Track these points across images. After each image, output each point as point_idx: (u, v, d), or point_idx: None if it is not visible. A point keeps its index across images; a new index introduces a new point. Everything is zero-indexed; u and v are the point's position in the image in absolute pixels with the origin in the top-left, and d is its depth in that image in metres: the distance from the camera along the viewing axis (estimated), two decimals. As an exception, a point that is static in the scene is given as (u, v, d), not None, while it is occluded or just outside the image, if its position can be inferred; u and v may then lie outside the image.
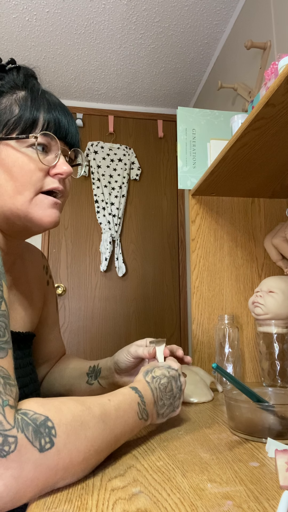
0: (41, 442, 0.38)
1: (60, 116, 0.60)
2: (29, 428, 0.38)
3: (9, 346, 0.43)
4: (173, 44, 2.06)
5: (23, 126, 0.57)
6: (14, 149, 0.57)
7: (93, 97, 2.53)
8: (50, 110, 0.59)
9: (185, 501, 0.39)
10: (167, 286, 2.46)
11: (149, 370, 0.60)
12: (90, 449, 0.42)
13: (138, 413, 0.52)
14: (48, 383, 0.80)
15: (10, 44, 2.05)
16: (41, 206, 0.58)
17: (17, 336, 0.64)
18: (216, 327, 1.04)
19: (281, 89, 0.63)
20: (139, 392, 0.54)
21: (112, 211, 2.40)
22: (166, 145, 2.64)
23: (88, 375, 0.77)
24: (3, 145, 0.57)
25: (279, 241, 1.09)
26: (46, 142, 0.58)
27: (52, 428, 0.40)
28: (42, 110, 0.58)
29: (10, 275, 0.66)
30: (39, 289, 0.76)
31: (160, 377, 0.59)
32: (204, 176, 1.03)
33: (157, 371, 0.60)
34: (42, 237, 2.39)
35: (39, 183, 0.58)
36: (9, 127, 0.57)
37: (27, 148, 0.57)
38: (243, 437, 0.58)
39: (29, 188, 0.57)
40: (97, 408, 0.46)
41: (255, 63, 1.63)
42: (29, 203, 0.57)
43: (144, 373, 0.60)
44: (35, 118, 0.57)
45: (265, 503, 0.38)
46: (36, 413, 0.40)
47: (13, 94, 0.59)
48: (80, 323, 2.33)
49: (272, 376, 0.93)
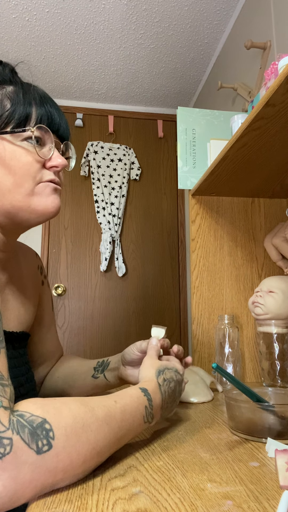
0: (38, 444, 0.38)
1: (52, 110, 0.61)
2: (25, 430, 0.38)
3: (1, 346, 0.43)
4: (173, 44, 2.06)
5: (16, 121, 0.57)
6: (10, 142, 0.57)
7: (93, 97, 2.53)
8: (42, 104, 0.60)
9: (185, 501, 0.39)
10: (167, 286, 2.46)
11: (161, 371, 0.59)
12: (91, 452, 0.42)
13: (144, 416, 0.51)
14: (51, 382, 0.80)
15: (10, 44, 2.05)
16: (43, 194, 0.59)
17: (10, 335, 0.64)
18: (216, 327, 1.04)
19: (281, 89, 0.63)
20: (148, 394, 0.53)
21: (112, 211, 2.40)
22: (166, 145, 2.64)
23: (95, 369, 0.77)
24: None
25: (279, 241, 1.09)
26: (41, 135, 0.59)
27: (50, 430, 0.39)
28: (34, 104, 0.59)
29: (4, 274, 0.66)
30: (34, 288, 0.76)
31: (170, 380, 0.59)
32: (204, 176, 1.03)
33: (168, 374, 0.59)
34: (42, 237, 2.39)
35: (37, 175, 0.58)
36: (3, 121, 0.57)
37: (22, 142, 0.58)
38: (243, 437, 0.58)
39: (28, 180, 0.57)
40: (102, 410, 0.45)
41: (255, 63, 1.63)
42: (30, 194, 0.58)
43: (157, 373, 0.58)
44: (28, 112, 0.58)
45: (265, 503, 0.38)
46: (33, 415, 0.39)
47: (2, 88, 0.59)
48: (80, 323, 2.33)
49: (272, 376, 0.93)
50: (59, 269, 2.37)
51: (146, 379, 0.57)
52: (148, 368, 0.60)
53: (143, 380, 0.57)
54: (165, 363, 0.62)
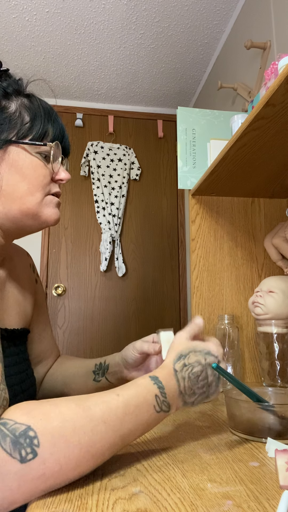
0: (22, 453, 0.37)
1: (62, 126, 0.67)
2: (7, 440, 0.37)
3: None
4: (173, 44, 2.06)
5: (35, 134, 0.62)
6: (27, 152, 0.61)
7: (93, 97, 2.53)
8: (56, 120, 0.65)
9: (185, 501, 0.39)
10: (167, 286, 2.46)
11: (183, 356, 0.54)
12: (85, 455, 0.41)
13: (156, 405, 0.48)
14: (50, 384, 0.80)
15: (10, 44, 2.05)
16: (49, 205, 0.64)
17: (12, 333, 0.64)
18: (216, 327, 1.04)
19: (281, 89, 0.63)
20: (159, 382, 0.50)
21: (112, 211, 2.40)
22: (166, 145, 2.64)
23: (95, 373, 0.76)
24: (16, 147, 0.61)
25: (279, 241, 1.09)
26: (55, 151, 0.64)
27: (34, 438, 0.38)
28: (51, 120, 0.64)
29: (2, 272, 0.68)
30: (29, 286, 0.77)
31: (194, 365, 0.53)
32: (204, 176, 1.03)
33: (192, 357, 0.54)
34: (42, 237, 2.39)
35: (48, 187, 0.63)
36: (22, 133, 0.61)
37: (37, 154, 0.62)
38: (243, 437, 0.58)
39: (40, 191, 0.62)
40: (99, 408, 0.43)
41: (255, 63, 1.63)
42: (40, 203, 0.62)
43: (176, 358, 0.54)
44: (47, 128, 0.63)
45: (265, 503, 0.38)
46: (16, 422, 0.38)
47: (18, 99, 0.63)
48: (80, 323, 2.33)
49: (272, 376, 0.93)
50: (59, 269, 2.37)
51: (161, 366, 0.54)
52: (171, 352, 0.56)
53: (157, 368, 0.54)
54: (194, 344, 0.57)
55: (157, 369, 0.53)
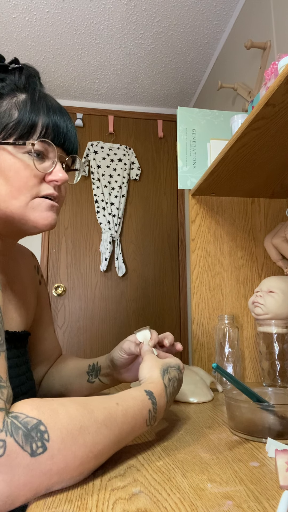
0: (32, 447, 0.37)
1: (59, 122, 0.60)
2: (19, 432, 0.37)
3: (2, 349, 0.42)
4: (173, 44, 2.06)
5: (21, 131, 0.57)
6: (11, 154, 0.57)
7: (93, 97, 2.53)
8: (49, 115, 0.59)
9: (185, 501, 0.39)
10: (167, 286, 2.46)
11: (165, 370, 0.58)
12: (88, 455, 0.41)
13: (147, 420, 0.50)
14: (48, 384, 0.81)
15: (10, 44, 2.05)
16: (37, 209, 0.59)
17: (13, 335, 0.64)
18: (216, 327, 1.04)
19: (281, 89, 0.63)
20: (153, 398, 0.52)
21: (112, 211, 2.40)
22: (166, 145, 2.64)
23: (89, 374, 0.77)
24: (0, 149, 0.57)
25: (279, 241, 1.09)
26: (43, 148, 0.58)
27: (45, 432, 0.38)
28: (41, 115, 0.58)
29: (4, 275, 0.67)
30: (32, 288, 0.76)
31: (174, 380, 0.58)
32: (204, 176, 1.03)
33: (172, 372, 0.59)
34: (42, 237, 2.39)
35: (34, 189, 0.58)
36: (7, 131, 0.56)
37: (24, 154, 0.57)
38: (243, 437, 0.58)
39: (24, 193, 0.57)
40: (101, 413, 0.44)
41: (255, 63, 1.63)
42: (25, 207, 0.58)
43: (162, 373, 0.57)
44: (34, 123, 0.57)
45: (265, 503, 0.38)
46: (28, 416, 0.38)
47: (14, 97, 0.58)
48: (80, 323, 2.33)
49: (272, 376, 0.93)
50: (59, 269, 2.37)
51: (150, 380, 0.56)
52: (151, 368, 0.58)
53: (147, 381, 0.56)
54: (167, 361, 0.61)
55: (149, 383, 0.55)
